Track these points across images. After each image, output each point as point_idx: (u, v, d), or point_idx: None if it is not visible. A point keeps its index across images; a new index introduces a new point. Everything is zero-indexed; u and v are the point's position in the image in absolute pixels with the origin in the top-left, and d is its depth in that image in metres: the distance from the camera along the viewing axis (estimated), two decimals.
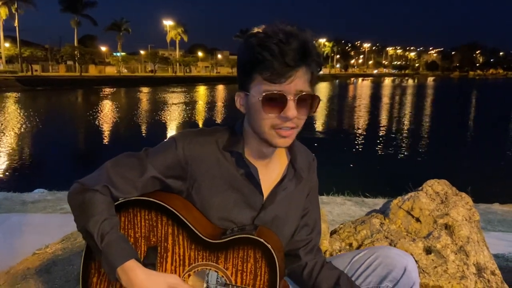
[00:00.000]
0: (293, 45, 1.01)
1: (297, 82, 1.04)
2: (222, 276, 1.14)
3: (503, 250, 3.65)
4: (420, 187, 2.24)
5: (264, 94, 1.04)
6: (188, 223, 1.14)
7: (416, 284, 1.22)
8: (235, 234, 1.13)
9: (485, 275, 1.86)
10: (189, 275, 1.16)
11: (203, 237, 1.13)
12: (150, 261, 1.14)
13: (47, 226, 4.04)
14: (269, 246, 1.10)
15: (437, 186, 2.21)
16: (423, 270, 1.80)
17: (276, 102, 1.04)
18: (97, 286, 1.19)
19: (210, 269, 1.15)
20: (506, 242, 4.08)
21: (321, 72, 1.15)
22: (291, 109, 1.04)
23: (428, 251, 1.88)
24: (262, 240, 1.11)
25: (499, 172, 11.42)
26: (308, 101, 1.08)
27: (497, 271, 1.95)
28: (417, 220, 2.06)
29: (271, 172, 1.24)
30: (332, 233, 2.16)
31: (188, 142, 1.17)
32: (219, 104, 34.58)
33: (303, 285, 1.33)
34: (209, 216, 1.19)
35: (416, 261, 1.82)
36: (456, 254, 1.87)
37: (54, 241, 3.15)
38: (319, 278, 1.27)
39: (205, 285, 1.16)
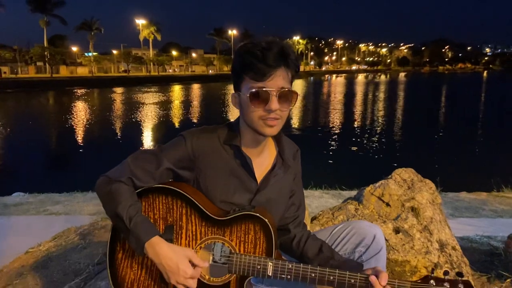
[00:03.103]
0: (274, 50, 1.26)
1: (278, 80, 1.28)
2: (228, 247, 1.37)
3: (468, 233, 3.94)
4: (390, 175, 2.50)
5: (250, 90, 1.28)
6: (199, 205, 1.37)
7: (383, 248, 1.48)
8: (238, 212, 1.36)
9: (446, 250, 2.12)
10: (200, 247, 1.39)
11: (211, 215, 1.36)
12: (168, 237, 1.35)
13: (34, 228, 4.09)
14: (266, 220, 1.34)
15: (404, 174, 2.48)
16: (393, 248, 2.04)
17: (261, 97, 1.28)
18: (122, 261, 1.42)
19: (218, 241, 1.38)
20: (471, 227, 4.38)
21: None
22: (274, 103, 1.27)
23: (397, 231, 2.12)
24: (259, 215, 1.35)
25: (466, 163, 11.97)
26: (288, 96, 1.31)
27: (457, 247, 2.21)
28: (387, 204, 2.31)
29: (263, 161, 1.47)
30: (313, 219, 2.38)
31: (196, 139, 1.39)
32: (195, 103, 34.49)
33: (292, 254, 1.57)
34: (213, 199, 1.42)
35: (386, 239, 2.06)
36: (421, 232, 2.12)
37: (46, 240, 3.23)
38: (305, 247, 1.52)
39: (211, 255, 1.39)
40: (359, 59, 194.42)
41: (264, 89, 1.27)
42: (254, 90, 1.27)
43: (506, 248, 2.95)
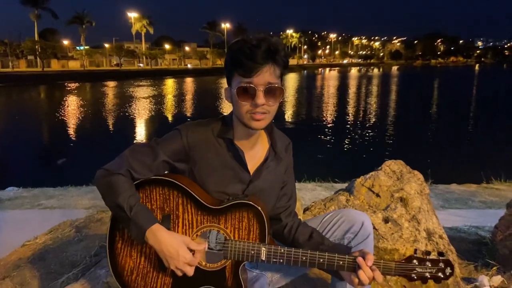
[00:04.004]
0: (262, 48, 1.32)
1: (265, 76, 1.34)
2: (223, 234, 1.44)
3: (457, 224, 4.04)
4: (380, 167, 2.57)
5: (238, 86, 1.35)
6: (194, 194, 1.43)
7: (371, 235, 1.55)
8: (232, 201, 1.43)
9: (434, 238, 2.20)
10: (196, 235, 1.45)
11: (207, 204, 1.43)
12: (166, 226, 1.41)
13: (29, 221, 4.13)
14: (259, 208, 1.41)
15: (393, 165, 2.56)
16: (382, 237, 2.11)
17: (248, 92, 1.35)
18: (121, 250, 1.48)
19: (213, 229, 1.44)
20: (460, 218, 4.48)
21: (289, 63, 1.45)
22: (260, 98, 1.34)
23: (386, 220, 2.19)
24: (252, 203, 1.42)
25: (457, 155, 12.13)
26: (274, 91, 1.37)
27: (444, 235, 2.29)
28: (377, 195, 2.39)
29: (255, 154, 1.54)
30: (305, 210, 2.45)
31: (191, 132, 1.45)
32: (188, 97, 34.41)
33: (284, 241, 1.64)
34: (208, 190, 1.48)
35: (376, 229, 2.13)
36: (409, 222, 2.20)
37: (42, 233, 3.26)
38: (296, 234, 1.59)
39: (207, 243, 1.45)
40: (352, 52, 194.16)
41: (250, 84, 1.33)
42: (241, 85, 1.34)
43: (493, 238, 3.04)
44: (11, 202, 4.98)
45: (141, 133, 17.53)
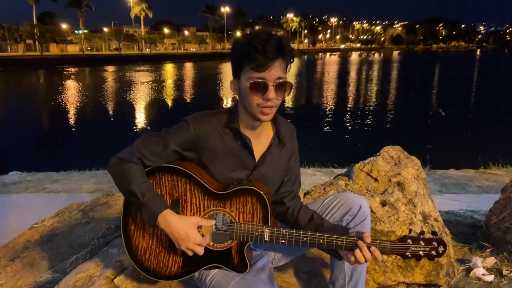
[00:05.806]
0: (272, 43, 1.38)
1: (275, 71, 1.41)
2: (229, 217, 1.53)
3: (453, 208, 4.13)
4: (378, 153, 2.65)
5: (251, 81, 1.41)
6: (201, 180, 1.52)
7: (368, 217, 1.65)
8: (236, 186, 1.53)
9: (429, 221, 2.29)
10: (204, 218, 1.54)
11: (213, 190, 1.52)
12: (175, 210, 1.50)
13: (35, 205, 4.21)
14: (261, 192, 1.50)
15: (391, 151, 2.64)
16: (380, 219, 2.20)
17: (260, 87, 1.41)
18: (135, 232, 1.59)
19: (219, 212, 1.54)
20: (457, 202, 4.58)
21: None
22: (271, 93, 1.41)
23: (383, 204, 2.28)
24: (256, 188, 1.51)
25: (455, 141, 12.21)
26: (283, 86, 1.45)
27: (440, 218, 2.38)
28: (375, 180, 2.47)
29: (261, 141, 1.62)
30: (305, 194, 2.54)
31: (198, 123, 1.53)
32: (188, 82, 34.31)
33: (286, 222, 1.74)
34: (214, 176, 1.57)
35: (374, 212, 2.21)
36: (406, 205, 2.28)
37: (50, 216, 3.34)
38: (298, 216, 1.69)
39: (214, 225, 1.54)
40: (353, 37, 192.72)
41: (263, 80, 1.40)
42: (253, 81, 1.40)
43: (487, 221, 3.13)
44: (16, 186, 5.06)
45: (141, 118, 17.58)
